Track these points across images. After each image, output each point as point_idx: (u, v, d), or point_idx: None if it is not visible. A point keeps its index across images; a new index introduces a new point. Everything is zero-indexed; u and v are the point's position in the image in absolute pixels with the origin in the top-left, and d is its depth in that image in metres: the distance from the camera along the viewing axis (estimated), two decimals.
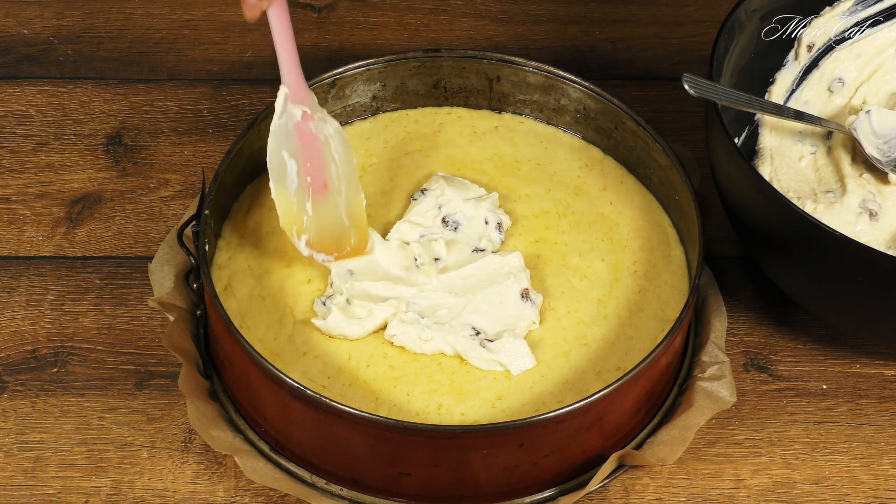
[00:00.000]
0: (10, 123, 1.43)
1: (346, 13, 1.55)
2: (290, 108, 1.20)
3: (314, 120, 1.21)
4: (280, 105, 1.20)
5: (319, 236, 1.22)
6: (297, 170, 1.20)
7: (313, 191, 1.21)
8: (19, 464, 1.19)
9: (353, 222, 1.23)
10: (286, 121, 1.20)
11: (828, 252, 1.15)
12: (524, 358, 1.19)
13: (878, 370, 1.28)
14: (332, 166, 1.21)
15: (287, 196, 1.21)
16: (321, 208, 1.22)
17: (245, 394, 1.18)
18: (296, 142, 1.20)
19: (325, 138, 1.21)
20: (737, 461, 1.21)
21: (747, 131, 1.35)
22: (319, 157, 1.21)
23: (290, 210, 1.21)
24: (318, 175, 1.21)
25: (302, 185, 1.21)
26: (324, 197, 1.21)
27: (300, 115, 1.20)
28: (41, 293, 1.30)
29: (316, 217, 1.21)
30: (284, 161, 1.20)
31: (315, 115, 1.21)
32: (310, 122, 1.20)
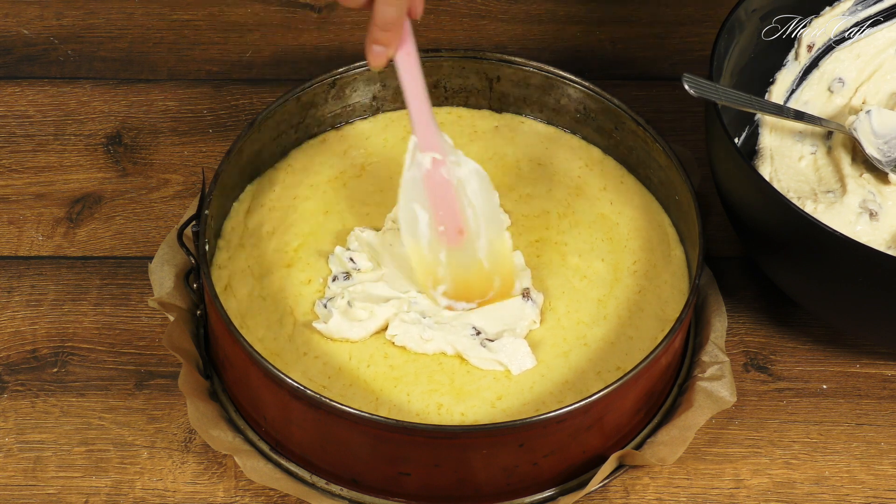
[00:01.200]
0: (10, 123, 1.43)
1: (346, 13, 1.55)
2: (419, 158, 1.16)
3: (446, 165, 1.17)
4: (409, 156, 1.17)
5: (457, 285, 1.19)
6: (429, 221, 1.17)
7: (448, 239, 1.18)
8: (19, 464, 1.19)
9: (495, 264, 1.20)
10: (415, 172, 1.17)
11: (828, 252, 1.15)
12: (524, 358, 1.19)
13: (878, 370, 1.28)
14: (469, 210, 1.18)
15: (420, 249, 1.18)
16: (457, 256, 1.18)
17: (245, 394, 1.18)
18: (426, 192, 1.17)
19: (458, 182, 1.17)
20: (737, 461, 1.21)
21: (747, 131, 1.35)
22: (453, 204, 1.17)
23: (424, 262, 1.18)
24: (451, 222, 1.18)
25: (434, 235, 1.18)
26: (460, 244, 1.18)
27: (429, 164, 1.16)
28: (41, 293, 1.30)
29: (451, 265, 1.18)
30: (415, 213, 1.17)
31: (448, 159, 1.17)
32: (441, 168, 1.17)
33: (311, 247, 1.26)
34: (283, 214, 1.28)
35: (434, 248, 1.18)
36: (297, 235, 1.27)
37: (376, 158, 1.33)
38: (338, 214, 1.29)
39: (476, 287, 1.20)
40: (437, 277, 1.19)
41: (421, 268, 1.20)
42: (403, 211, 1.18)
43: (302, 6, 1.55)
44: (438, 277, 1.19)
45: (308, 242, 1.26)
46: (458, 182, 1.18)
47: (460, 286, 1.20)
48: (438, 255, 1.18)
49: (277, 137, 1.31)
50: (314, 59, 1.50)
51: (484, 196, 1.19)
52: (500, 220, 1.21)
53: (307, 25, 1.54)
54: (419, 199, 1.17)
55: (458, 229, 1.18)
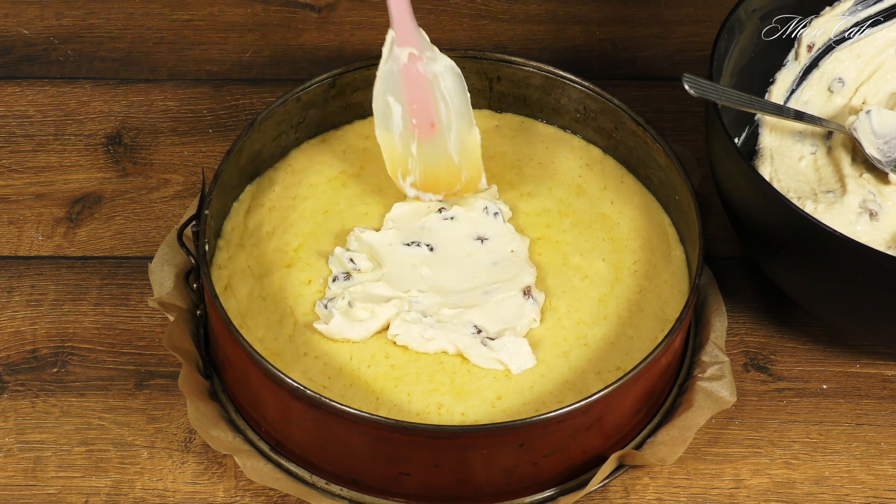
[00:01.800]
0: (10, 123, 1.43)
1: (346, 13, 1.55)
2: (396, 52, 1.19)
3: (422, 60, 1.20)
4: (386, 49, 1.20)
5: (426, 176, 1.22)
6: (402, 113, 1.20)
7: (419, 131, 1.21)
8: (19, 464, 1.19)
9: (464, 158, 1.23)
10: (392, 65, 1.20)
11: (828, 252, 1.15)
12: (525, 357, 1.19)
13: (878, 370, 1.28)
14: (441, 104, 1.21)
15: (392, 140, 1.21)
16: (428, 148, 1.21)
17: (245, 394, 1.18)
18: (401, 84, 1.20)
19: (433, 77, 1.20)
20: (737, 461, 1.21)
21: (747, 131, 1.35)
22: (426, 97, 1.21)
23: (395, 153, 1.21)
24: (424, 115, 1.21)
25: (407, 127, 1.21)
26: (431, 136, 1.21)
27: (406, 58, 1.20)
28: (41, 293, 1.30)
29: (422, 157, 1.21)
30: (389, 105, 1.20)
31: (424, 54, 1.20)
32: (417, 63, 1.20)
33: (311, 247, 1.26)
34: (283, 214, 1.28)
35: (406, 140, 1.21)
36: (297, 235, 1.27)
37: (376, 158, 1.33)
38: (338, 214, 1.29)
39: (444, 179, 1.23)
40: (407, 169, 1.22)
41: (391, 159, 1.22)
42: (377, 102, 1.20)
43: (302, 6, 1.55)
44: (408, 169, 1.22)
45: (308, 242, 1.26)
46: (432, 77, 1.21)
47: (429, 177, 1.22)
48: (410, 147, 1.21)
49: (277, 137, 1.31)
50: (314, 59, 1.50)
51: (457, 92, 1.22)
52: (470, 115, 1.23)
53: (307, 25, 1.54)
54: (394, 92, 1.20)
55: (430, 123, 1.21)
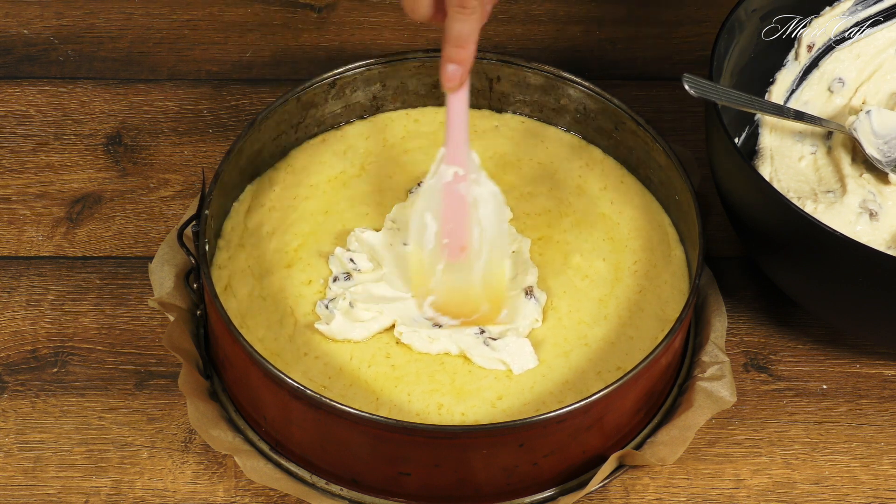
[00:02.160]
0: (10, 123, 1.43)
1: (346, 13, 1.55)
2: (443, 169, 1.17)
3: (466, 181, 1.17)
4: (434, 166, 1.17)
5: (446, 299, 1.19)
6: (436, 231, 1.17)
7: (449, 253, 1.18)
8: (19, 464, 1.19)
9: (488, 288, 1.20)
10: (436, 182, 1.17)
11: (828, 252, 1.15)
12: (527, 357, 1.19)
13: (878, 370, 1.28)
14: (476, 229, 1.18)
15: (421, 256, 1.18)
16: (453, 272, 1.18)
17: (245, 394, 1.18)
18: (441, 203, 1.17)
19: (473, 200, 1.17)
20: (737, 461, 1.21)
21: (747, 131, 1.35)
22: (463, 220, 1.17)
23: (421, 270, 1.19)
24: (457, 237, 1.18)
25: (438, 246, 1.18)
26: (459, 260, 1.18)
27: (451, 176, 1.16)
28: (41, 293, 1.30)
29: (446, 280, 1.18)
30: (426, 222, 1.17)
31: (470, 176, 1.17)
32: (461, 184, 1.17)
33: (311, 247, 1.26)
34: (283, 214, 1.28)
35: (434, 258, 1.18)
36: (297, 235, 1.27)
37: (376, 158, 1.33)
38: (338, 214, 1.29)
39: (463, 306, 1.20)
40: (429, 288, 1.19)
41: (417, 275, 1.20)
42: (416, 216, 1.18)
43: (302, 6, 1.55)
44: (430, 288, 1.19)
45: (308, 242, 1.26)
46: (473, 200, 1.18)
47: (449, 301, 1.20)
48: (436, 266, 1.18)
49: (277, 137, 1.31)
50: (314, 59, 1.50)
51: (495, 220, 1.19)
52: (504, 246, 1.20)
53: (307, 25, 1.54)
54: (433, 209, 1.17)
55: (461, 246, 1.18)
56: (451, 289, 1.19)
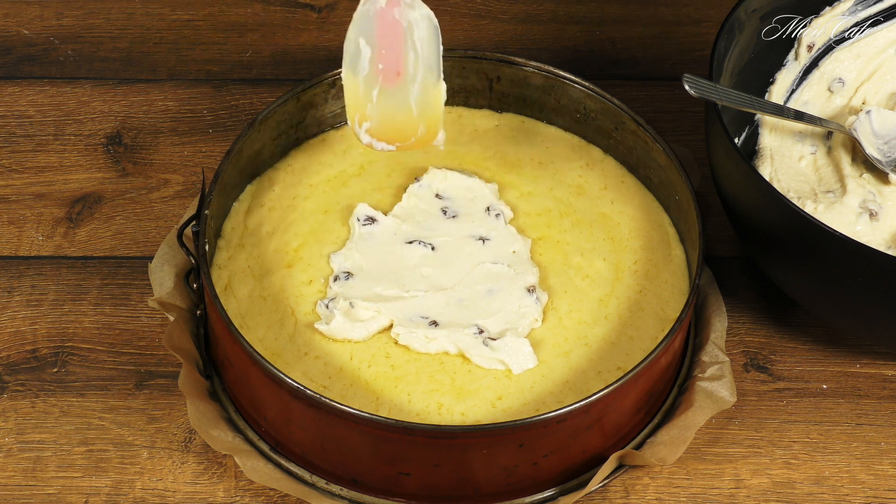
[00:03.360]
0: (10, 123, 1.43)
1: (346, 13, 1.55)
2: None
3: (400, 6, 1.18)
4: None
5: (382, 124, 1.20)
6: (370, 56, 1.19)
7: (384, 78, 1.19)
8: (19, 464, 1.19)
9: (425, 112, 1.21)
10: (369, 6, 1.18)
11: (828, 252, 1.15)
12: (526, 358, 1.19)
13: (878, 370, 1.28)
14: (411, 53, 1.19)
15: (356, 83, 1.19)
16: (389, 96, 1.19)
17: (245, 394, 1.18)
18: (374, 28, 1.18)
19: (408, 24, 1.19)
20: (737, 461, 1.21)
21: (747, 131, 1.35)
22: (398, 44, 1.19)
23: (356, 97, 1.20)
24: (392, 62, 1.19)
25: (372, 71, 1.19)
26: (394, 84, 1.19)
27: (384, 2, 1.18)
28: (41, 293, 1.30)
29: (381, 105, 1.19)
30: (359, 48, 1.19)
31: (403, 1, 1.18)
32: (395, 9, 1.18)
33: (311, 247, 1.26)
34: (283, 214, 1.28)
35: (369, 84, 1.19)
36: (297, 235, 1.27)
37: (376, 158, 1.33)
38: (338, 214, 1.29)
39: (400, 130, 1.21)
40: (365, 114, 1.20)
41: (352, 103, 1.20)
42: (349, 43, 1.19)
43: (302, 6, 1.55)
44: (366, 114, 1.20)
45: (308, 242, 1.26)
46: (407, 24, 1.19)
47: (385, 126, 1.20)
48: (371, 93, 1.19)
49: (277, 137, 1.31)
50: (314, 59, 1.50)
51: (429, 43, 1.20)
52: (439, 69, 1.21)
53: (307, 25, 1.54)
54: (366, 34, 1.18)
55: (396, 70, 1.19)
56: (387, 113, 1.20)
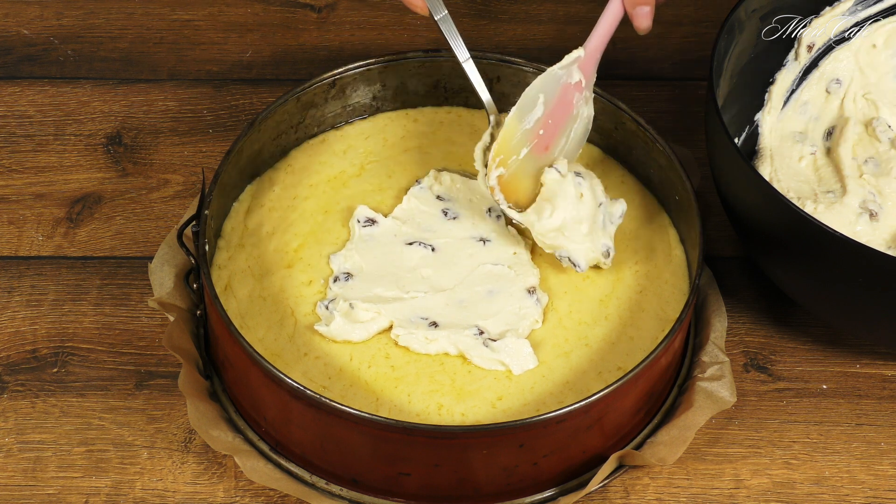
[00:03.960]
0: (10, 123, 1.43)
1: (346, 13, 1.55)
2: (573, 69, 1.23)
3: (581, 93, 1.23)
4: (567, 60, 1.23)
5: (511, 181, 1.24)
6: (539, 118, 1.23)
7: (536, 144, 1.23)
8: (19, 464, 1.19)
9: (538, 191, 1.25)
10: (562, 76, 1.23)
11: (828, 252, 1.15)
12: (526, 358, 1.19)
13: (878, 370, 1.28)
14: (564, 139, 1.24)
15: (516, 129, 1.23)
16: (530, 162, 1.24)
17: (245, 394, 1.18)
18: (556, 96, 1.22)
19: (577, 114, 1.24)
20: (737, 461, 1.21)
21: (747, 131, 1.35)
22: (562, 124, 1.24)
23: (509, 143, 1.23)
24: (549, 136, 1.23)
25: (534, 131, 1.23)
26: (539, 155, 1.24)
27: (575, 80, 1.23)
28: (41, 293, 1.30)
29: (521, 165, 1.23)
30: (537, 103, 1.22)
31: (585, 92, 1.24)
32: (577, 93, 1.23)
33: (311, 247, 1.26)
34: (283, 214, 1.28)
35: (525, 140, 1.23)
36: (296, 235, 1.27)
37: (376, 158, 1.33)
38: (338, 214, 1.29)
39: (520, 195, 1.24)
40: (507, 162, 1.23)
41: (504, 145, 1.23)
42: (529, 93, 1.22)
43: (302, 6, 1.55)
44: (508, 163, 1.23)
45: (308, 242, 1.26)
46: (576, 113, 1.24)
47: (512, 184, 1.24)
48: (522, 148, 1.23)
49: (277, 137, 1.31)
50: (314, 59, 1.50)
51: (577, 142, 1.25)
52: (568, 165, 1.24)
53: (307, 25, 1.54)
54: (547, 96, 1.23)
55: (546, 144, 1.24)
56: (520, 175, 1.24)
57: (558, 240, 1.23)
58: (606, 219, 1.25)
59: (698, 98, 1.46)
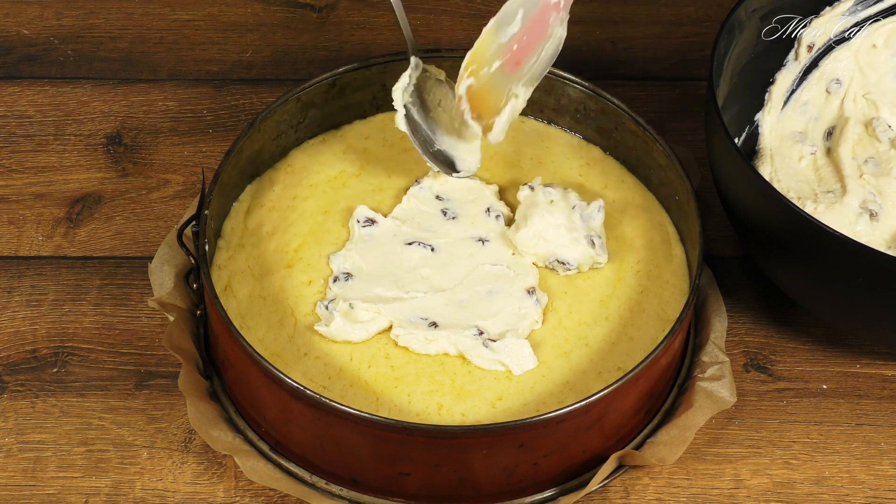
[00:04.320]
0: (10, 123, 1.43)
1: (346, 13, 1.55)
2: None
3: (558, 14, 1.23)
4: None
5: (479, 92, 1.24)
6: (515, 33, 1.22)
7: (508, 59, 1.23)
8: (19, 464, 1.19)
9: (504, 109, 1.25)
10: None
11: (828, 252, 1.15)
12: (526, 359, 1.19)
13: (878, 370, 1.28)
14: (534, 58, 1.23)
15: (492, 42, 1.22)
16: (500, 76, 1.23)
17: (245, 394, 1.18)
18: (534, 14, 1.22)
19: (550, 34, 1.23)
20: (737, 461, 1.21)
21: (747, 131, 1.35)
22: (535, 42, 1.23)
23: (483, 54, 1.23)
24: (522, 52, 1.23)
25: (507, 45, 1.22)
26: (510, 70, 1.23)
27: (554, 1, 1.22)
28: (41, 293, 1.30)
29: (491, 78, 1.23)
30: (516, 18, 1.22)
31: (562, 13, 1.23)
32: (553, 13, 1.22)
33: (311, 247, 1.26)
34: (282, 214, 1.28)
35: (498, 53, 1.23)
36: (296, 235, 1.27)
37: (376, 158, 1.33)
38: (338, 214, 1.29)
39: (485, 108, 1.24)
40: (478, 73, 1.23)
41: (477, 55, 1.23)
42: (511, 6, 1.22)
43: (302, 6, 1.55)
44: (479, 74, 1.23)
45: (308, 242, 1.26)
46: (550, 34, 1.23)
47: (479, 95, 1.24)
48: (494, 61, 1.23)
49: (277, 137, 1.31)
50: (314, 59, 1.50)
51: (547, 61, 1.25)
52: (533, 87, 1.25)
53: (307, 25, 1.54)
54: (526, 12, 1.22)
55: (518, 60, 1.23)
56: (488, 88, 1.23)
57: (540, 246, 1.23)
58: (584, 218, 1.25)
59: (698, 98, 1.46)
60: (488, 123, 1.25)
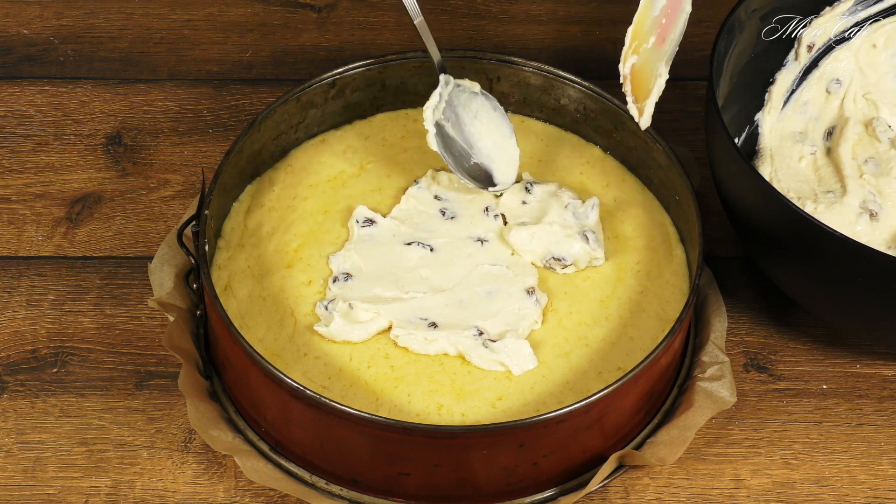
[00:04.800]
0: (10, 123, 1.43)
1: (346, 13, 1.55)
2: None
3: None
4: None
5: (638, 73, 1.23)
6: (664, 5, 1.21)
7: (659, 33, 1.22)
8: (19, 464, 1.19)
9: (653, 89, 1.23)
10: None
11: (828, 252, 1.15)
12: (526, 359, 1.19)
13: (878, 370, 1.28)
14: (674, 32, 1.22)
15: (647, 16, 1.21)
16: (653, 53, 1.22)
17: (245, 394, 1.18)
18: None
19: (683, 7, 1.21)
20: (737, 461, 1.21)
21: (747, 131, 1.35)
22: (674, 16, 1.21)
23: (641, 30, 1.22)
24: (667, 26, 1.22)
25: (658, 18, 1.21)
26: (658, 46, 1.22)
27: None
28: (41, 293, 1.30)
29: (648, 55, 1.22)
30: None
31: None
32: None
33: (310, 247, 1.26)
34: (282, 214, 1.28)
35: (652, 27, 1.21)
36: (296, 235, 1.27)
37: (376, 158, 1.33)
38: (338, 214, 1.29)
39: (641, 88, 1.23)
40: (640, 49, 1.22)
41: (637, 27, 1.21)
42: None
43: (302, 6, 1.55)
44: (640, 49, 1.22)
45: (308, 242, 1.26)
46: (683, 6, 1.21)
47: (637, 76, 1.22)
48: (650, 37, 1.21)
49: (277, 137, 1.31)
50: (314, 59, 1.50)
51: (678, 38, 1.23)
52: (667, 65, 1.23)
53: (307, 25, 1.54)
54: None
55: (664, 37, 1.21)
56: (644, 66, 1.22)
57: (535, 244, 1.23)
58: (578, 215, 1.25)
59: (698, 98, 1.46)
60: (640, 107, 1.23)
